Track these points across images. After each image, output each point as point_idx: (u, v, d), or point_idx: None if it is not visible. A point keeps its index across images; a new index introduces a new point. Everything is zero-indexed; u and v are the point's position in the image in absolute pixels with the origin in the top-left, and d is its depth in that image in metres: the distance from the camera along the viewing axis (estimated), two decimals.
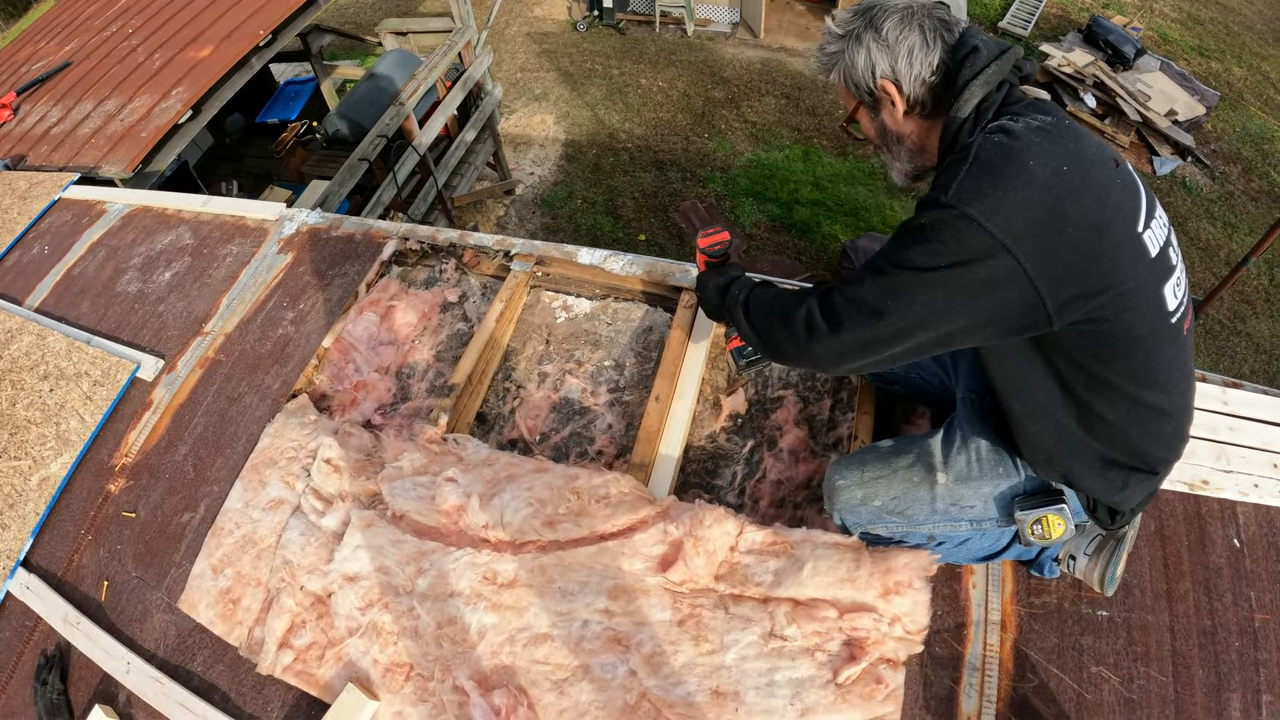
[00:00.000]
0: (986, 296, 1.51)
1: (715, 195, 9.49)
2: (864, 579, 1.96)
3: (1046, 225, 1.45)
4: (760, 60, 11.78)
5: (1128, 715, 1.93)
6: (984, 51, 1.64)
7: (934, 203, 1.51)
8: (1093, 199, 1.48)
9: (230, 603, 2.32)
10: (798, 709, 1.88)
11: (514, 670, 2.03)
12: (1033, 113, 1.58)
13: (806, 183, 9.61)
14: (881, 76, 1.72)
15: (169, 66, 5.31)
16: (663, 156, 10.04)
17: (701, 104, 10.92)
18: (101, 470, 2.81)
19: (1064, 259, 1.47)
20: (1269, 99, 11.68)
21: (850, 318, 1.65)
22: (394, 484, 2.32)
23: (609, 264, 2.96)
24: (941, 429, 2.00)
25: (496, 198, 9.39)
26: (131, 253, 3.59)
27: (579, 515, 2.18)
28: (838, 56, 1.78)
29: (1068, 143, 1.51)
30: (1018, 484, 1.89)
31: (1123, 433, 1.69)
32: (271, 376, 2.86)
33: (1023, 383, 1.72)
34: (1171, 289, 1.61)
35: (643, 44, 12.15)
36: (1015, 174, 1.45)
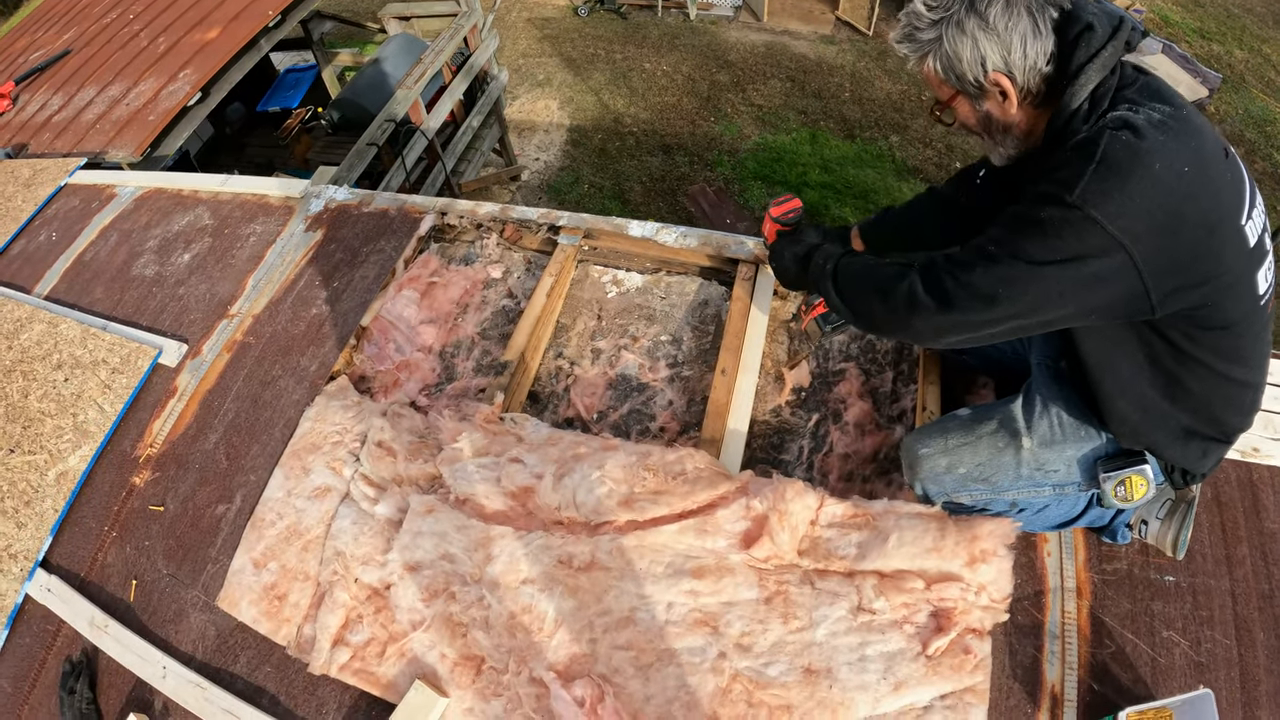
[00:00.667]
0: (1097, 289, 1.52)
1: (723, 179, 9.37)
2: (950, 548, 1.92)
3: (1165, 226, 1.44)
4: (764, 43, 11.64)
5: (1197, 678, 1.95)
6: (1099, 30, 1.54)
7: (1055, 199, 1.47)
8: (1209, 198, 1.47)
9: (275, 599, 2.16)
10: (890, 683, 1.83)
11: (595, 658, 1.91)
12: (1151, 100, 1.51)
13: (814, 165, 9.49)
14: (993, 69, 1.60)
15: (175, 49, 5.13)
16: (669, 140, 9.90)
17: (706, 88, 10.78)
18: (124, 462, 2.64)
19: (1175, 256, 1.47)
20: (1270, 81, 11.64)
21: (960, 300, 1.63)
22: (455, 466, 2.16)
23: (661, 236, 2.83)
24: (1020, 395, 2.00)
25: (502, 184, 9.25)
26: (146, 235, 3.41)
27: (657, 493, 2.06)
28: (933, 44, 1.64)
29: (1189, 140, 1.46)
30: (1100, 446, 1.89)
31: (1206, 404, 1.71)
32: (307, 358, 2.69)
33: (1112, 358, 1.72)
34: (1264, 274, 1.61)
35: (645, 28, 12.00)
36: (1141, 177, 1.42)
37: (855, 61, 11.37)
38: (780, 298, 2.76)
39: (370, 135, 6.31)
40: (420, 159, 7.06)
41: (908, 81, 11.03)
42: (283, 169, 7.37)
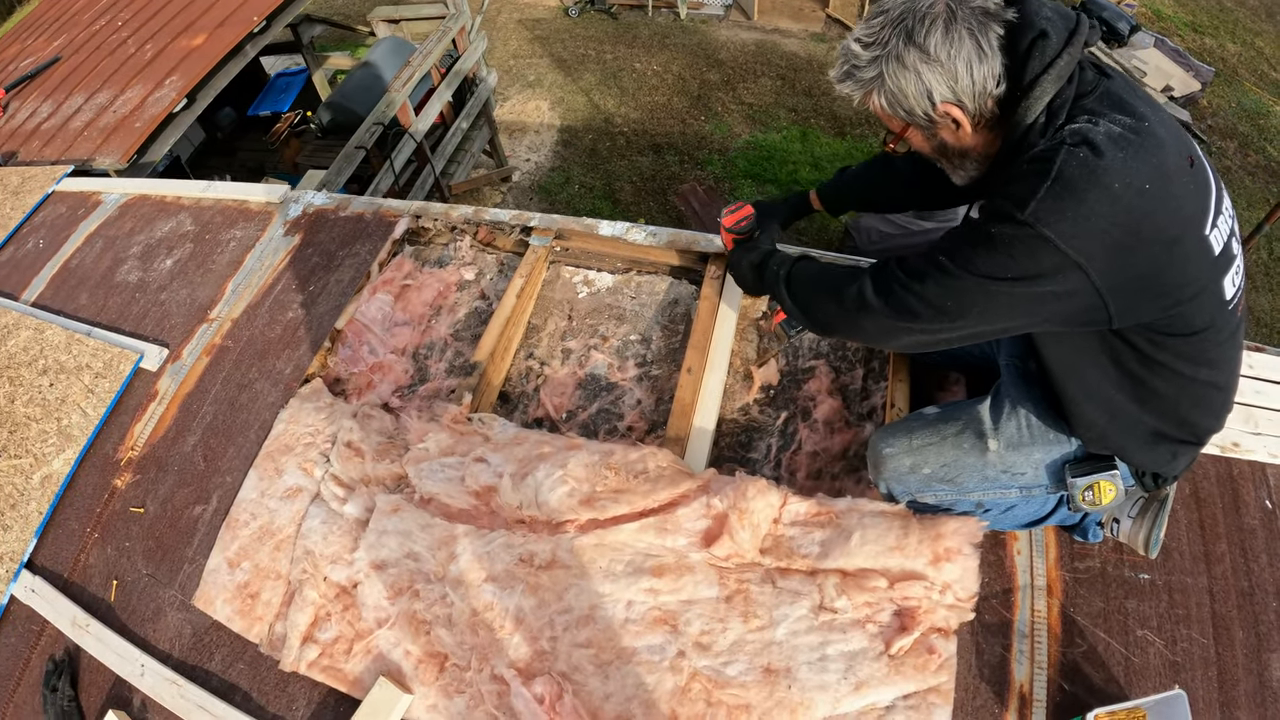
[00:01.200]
0: (1050, 303, 1.50)
1: (714, 177, 9.37)
2: (913, 546, 1.93)
3: (1122, 244, 1.41)
4: (755, 42, 11.65)
5: (1173, 677, 1.95)
6: (1053, 37, 1.46)
7: (1007, 216, 1.43)
8: (1169, 214, 1.43)
9: (249, 597, 2.21)
10: (852, 683, 1.84)
11: (555, 656, 1.93)
12: (1112, 110, 1.45)
13: (805, 163, 9.49)
14: (941, 101, 1.55)
15: (161, 56, 5.18)
16: (659, 140, 9.91)
17: (697, 87, 10.78)
18: (107, 465, 2.69)
19: (1133, 273, 1.44)
20: (1263, 74, 11.61)
21: (911, 308, 1.63)
22: (421, 466, 2.21)
23: (631, 235, 2.87)
24: (988, 396, 1.97)
25: (493, 185, 9.26)
26: (130, 242, 3.47)
27: (618, 492, 2.09)
28: (875, 81, 1.58)
29: (1150, 155, 1.41)
30: (1068, 450, 1.88)
31: (1175, 407, 1.69)
32: (283, 361, 2.74)
33: (1077, 363, 1.70)
34: (1230, 279, 1.58)
35: (635, 28, 11.99)
36: (1099, 197, 1.38)
37: None
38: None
39: (358, 139, 6.35)
40: (410, 161, 7.08)
41: None
42: (273, 173, 7.40)
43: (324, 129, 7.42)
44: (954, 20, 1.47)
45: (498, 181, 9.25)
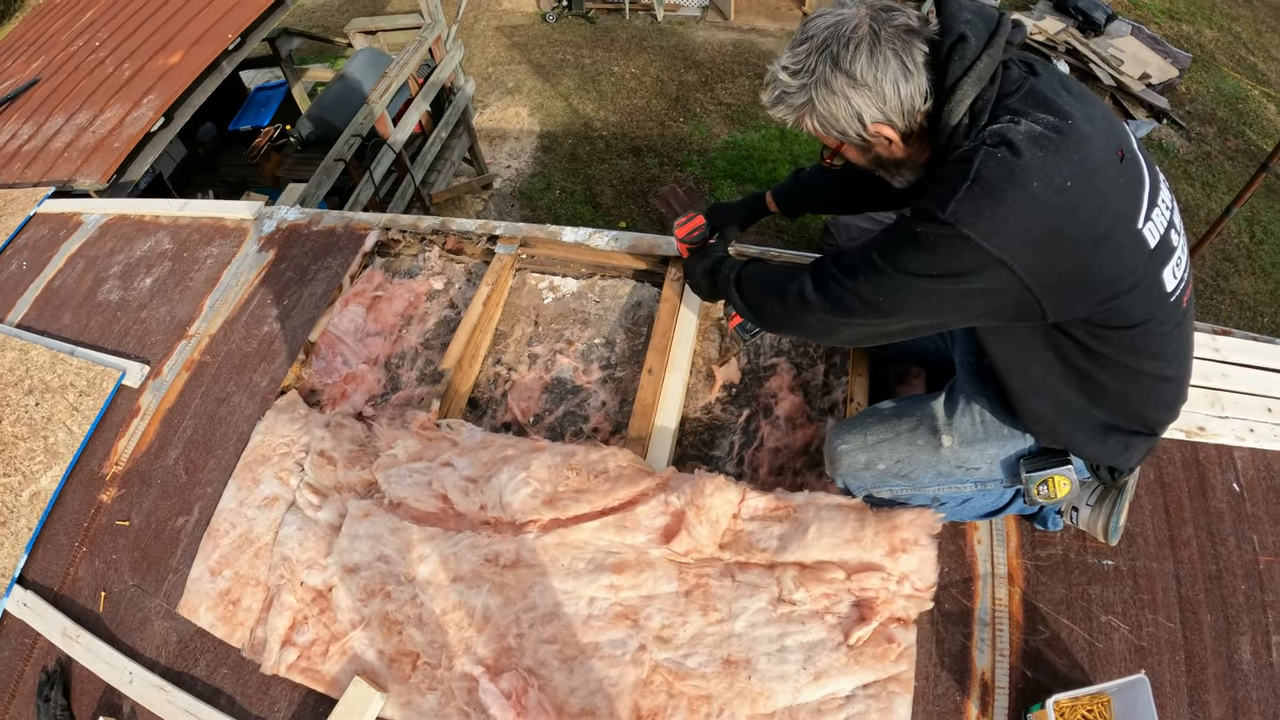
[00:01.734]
0: (979, 300, 1.53)
1: (694, 178, 9.44)
2: (869, 538, 1.97)
3: (1045, 242, 1.43)
4: (732, 42, 11.73)
5: (1139, 662, 1.96)
6: (971, 39, 1.49)
7: (930, 217, 1.47)
8: (1094, 210, 1.44)
9: (230, 604, 2.29)
10: (811, 673, 1.88)
11: (522, 652, 2.00)
12: (1035, 109, 1.47)
13: (784, 162, 9.56)
14: (872, 122, 1.58)
15: (139, 75, 5.23)
16: (639, 143, 9.98)
17: (675, 88, 10.85)
18: (92, 481, 2.77)
19: (1061, 269, 1.46)
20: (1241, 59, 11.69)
21: (848, 304, 1.67)
22: (390, 472, 2.29)
23: (594, 241, 2.95)
24: (943, 392, 2.01)
25: (474, 193, 9.32)
26: (111, 262, 3.54)
27: (579, 492, 2.16)
28: (805, 107, 1.61)
29: (1072, 153, 1.43)
30: (1023, 446, 1.90)
31: (1123, 399, 1.71)
32: (259, 374, 2.82)
33: (1022, 358, 1.72)
34: (1171, 270, 1.59)
35: (613, 32, 12.06)
36: (1016, 197, 1.40)
37: None
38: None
39: (337, 151, 6.41)
40: (390, 172, 7.15)
41: None
42: (255, 187, 7.45)
43: (304, 142, 7.48)
44: (878, 42, 1.50)
45: (478, 189, 9.31)
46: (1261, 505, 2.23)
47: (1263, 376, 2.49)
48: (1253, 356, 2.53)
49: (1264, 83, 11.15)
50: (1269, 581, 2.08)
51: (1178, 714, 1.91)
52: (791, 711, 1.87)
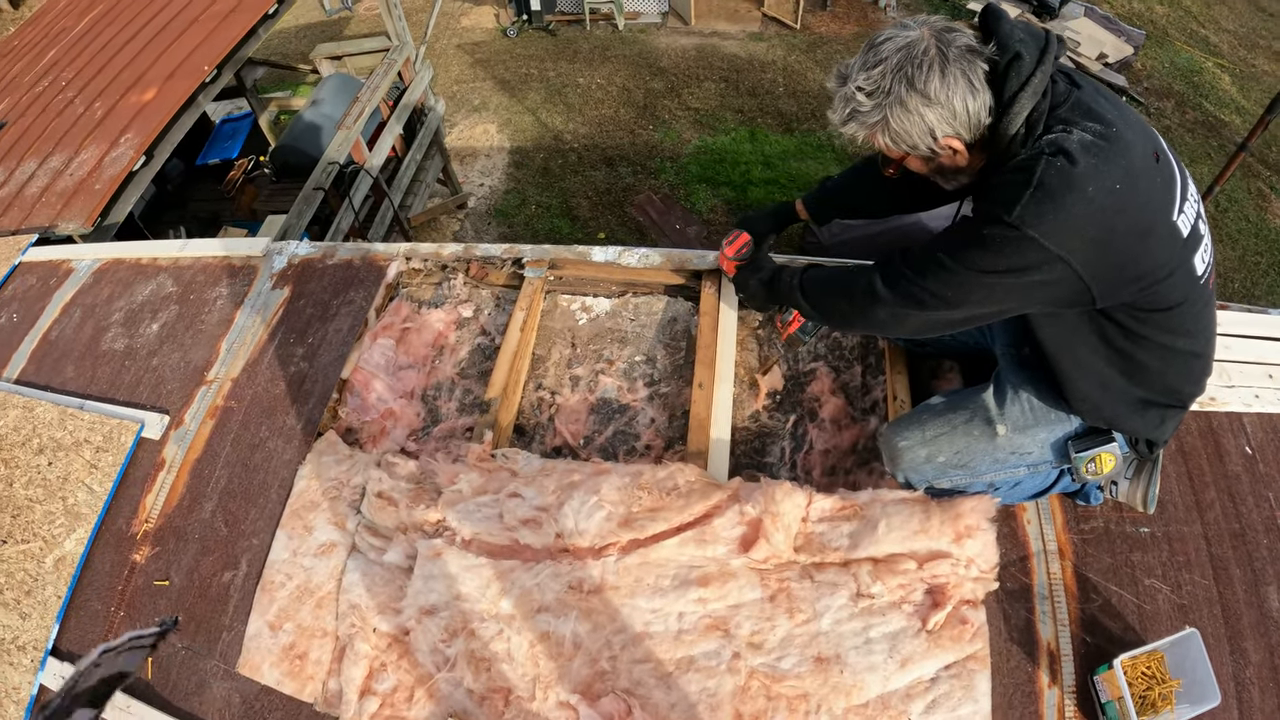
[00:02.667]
0: (1039, 290, 1.69)
1: (668, 185, 9.44)
2: (936, 528, 2.07)
3: (1098, 239, 1.59)
4: (694, 47, 11.75)
5: (1182, 619, 2.11)
6: (1026, 57, 1.63)
7: (997, 219, 1.62)
8: (1138, 209, 1.61)
9: (296, 658, 2.20)
10: (897, 661, 1.98)
11: (617, 674, 2.00)
12: (1083, 119, 1.62)
13: (756, 163, 9.60)
14: (943, 137, 1.71)
15: (113, 114, 5.09)
16: (611, 153, 9.95)
17: (642, 96, 10.85)
18: (122, 541, 2.65)
19: (1111, 261, 1.62)
20: (1193, 32, 11.95)
21: (918, 296, 1.82)
22: (458, 508, 2.23)
23: (624, 259, 2.91)
24: (990, 383, 2.15)
25: (450, 213, 9.23)
26: (111, 309, 3.41)
27: (654, 510, 2.16)
28: (880, 124, 1.73)
29: (1119, 158, 1.58)
30: (1070, 428, 2.06)
31: (1160, 376, 1.86)
32: (292, 417, 2.72)
33: (1070, 342, 1.86)
34: (1200, 256, 1.75)
35: (575, 43, 12.03)
36: (1075, 201, 1.55)
37: (786, 56, 11.50)
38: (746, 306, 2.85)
39: (316, 180, 6.30)
40: (367, 197, 7.05)
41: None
42: (229, 221, 7.32)
43: (278, 173, 7.36)
44: (947, 62, 1.62)
45: (454, 209, 9.22)
46: (1273, 465, 2.41)
47: (1261, 345, 2.69)
48: (1250, 327, 2.73)
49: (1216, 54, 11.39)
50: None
51: (1221, 663, 2.02)
52: (884, 699, 1.95)
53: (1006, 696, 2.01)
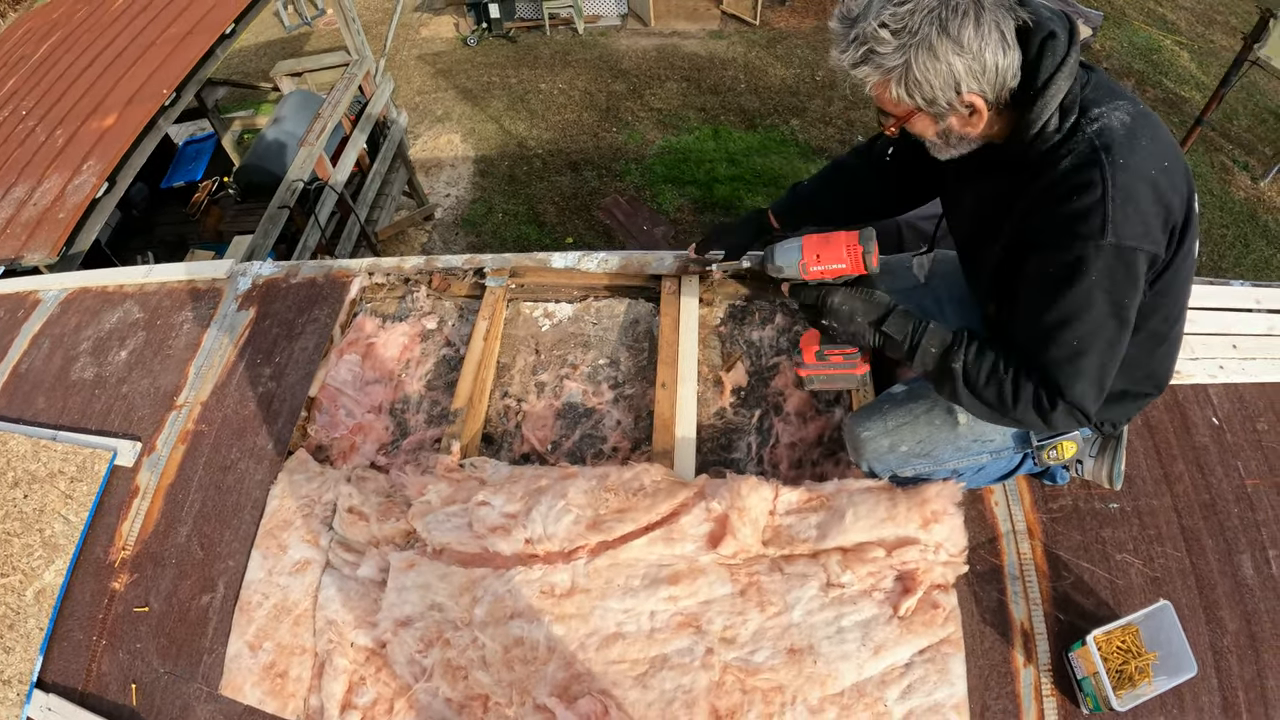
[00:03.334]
0: (1140, 286, 1.59)
1: (634, 187, 9.49)
2: (903, 515, 2.09)
3: (1164, 223, 1.55)
4: (655, 47, 11.81)
5: (1156, 592, 2.12)
6: (1060, 36, 1.52)
7: (1095, 246, 1.51)
8: (1182, 182, 1.57)
9: (277, 677, 2.22)
10: (870, 648, 1.99)
11: (592, 676, 2.02)
12: (1108, 98, 1.57)
13: (721, 160, 9.67)
14: (968, 91, 1.54)
15: (74, 141, 5.08)
16: (575, 157, 10.00)
17: (604, 99, 10.90)
18: (100, 569, 2.65)
19: (1165, 241, 1.57)
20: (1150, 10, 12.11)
21: (1088, 375, 1.63)
22: (427, 519, 2.26)
23: (584, 264, 2.94)
24: None
25: (417, 225, 9.24)
26: (79, 338, 3.41)
27: (621, 512, 2.18)
28: (898, 68, 1.53)
29: (1158, 130, 1.56)
30: None
31: (1145, 365, 1.85)
32: (262, 437, 2.74)
33: None
34: (1195, 233, 1.70)
35: (536, 49, 12.06)
36: (1145, 191, 1.50)
37: (746, 53, 11.59)
38: (706, 304, 2.89)
39: (281, 198, 6.31)
40: (333, 213, 7.05)
41: (800, 65, 11.28)
42: (196, 244, 7.29)
43: (243, 193, 7.35)
44: (983, 10, 1.47)
45: (421, 221, 9.23)
46: (1240, 434, 2.43)
47: (1224, 316, 2.71)
48: (1212, 299, 2.76)
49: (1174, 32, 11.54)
50: (1258, 502, 2.28)
51: (1197, 633, 2.05)
52: (859, 687, 1.97)
53: (982, 678, 2.03)
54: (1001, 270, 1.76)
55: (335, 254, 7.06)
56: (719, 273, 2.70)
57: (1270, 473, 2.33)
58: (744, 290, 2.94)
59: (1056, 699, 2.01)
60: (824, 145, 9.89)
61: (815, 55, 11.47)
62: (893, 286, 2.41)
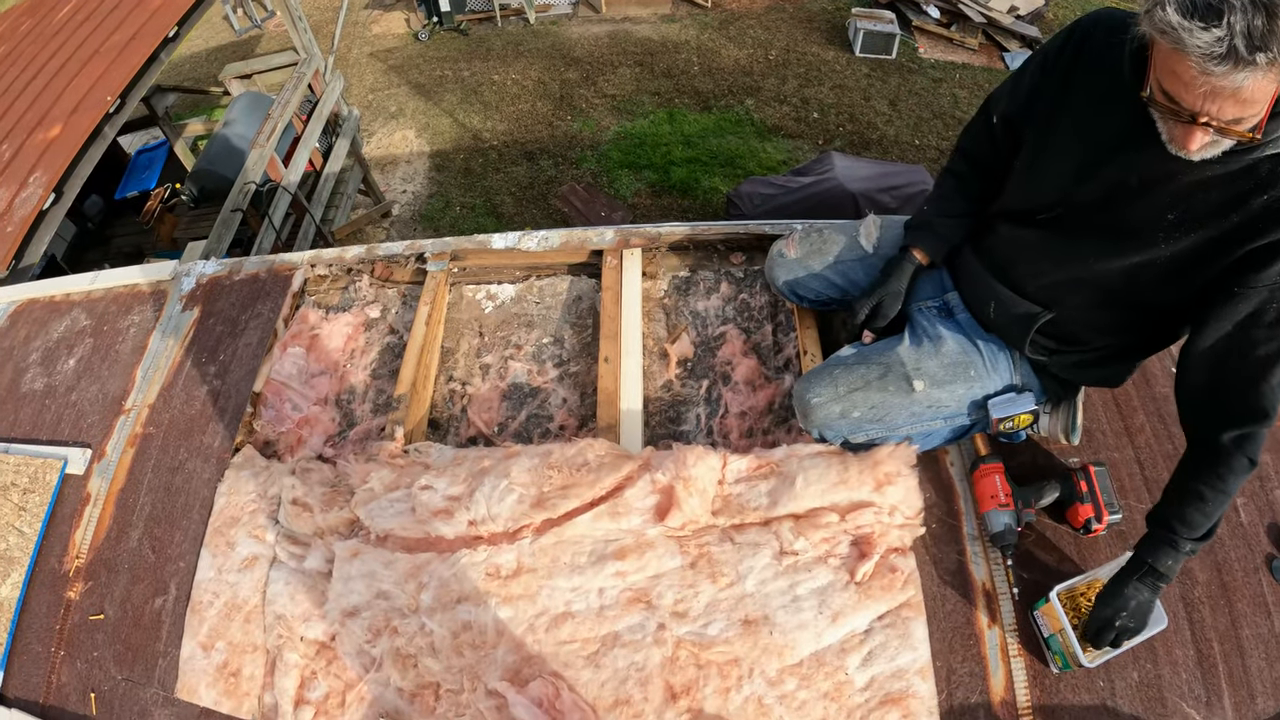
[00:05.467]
0: None
1: (591, 174, 9.46)
2: (855, 478, 2.07)
3: None
4: (607, 34, 11.75)
5: (1122, 545, 2.07)
6: None
7: None
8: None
9: (230, 676, 2.20)
10: (827, 616, 1.97)
11: (543, 658, 1.99)
12: None
13: (677, 143, 9.66)
14: None
15: (20, 154, 5.01)
16: (531, 147, 9.95)
17: (558, 88, 10.84)
18: (55, 579, 2.62)
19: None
20: None
21: None
22: (370, 506, 2.25)
23: (525, 244, 2.94)
24: (904, 337, 2.15)
25: (375, 223, 9.16)
26: (28, 350, 3.37)
27: (565, 488, 2.16)
28: None
29: None
30: (989, 385, 2.07)
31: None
32: (209, 435, 2.73)
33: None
34: None
35: (488, 41, 11.97)
36: None
37: (699, 35, 11.56)
38: (649, 278, 2.89)
39: (233, 202, 6.24)
40: (288, 214, 6.99)
41: (753, 46, 11.28)
42: (153, 252, 7.20)
43: (196, 199, 7.26)
44: None
45: (378, 219, 9.16)
46: None
47: None
48: None
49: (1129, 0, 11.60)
50: None
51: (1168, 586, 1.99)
52: (818, 656, 1.94)
53: (946, 641, 2.01)
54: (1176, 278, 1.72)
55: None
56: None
57: None
58: (688, 261, 2.94)
59: (1025, 659, 1.99)
60: (779, 124, 9.89)
61: (768, 35, 11.47)
62: (840, 257, 2.41)
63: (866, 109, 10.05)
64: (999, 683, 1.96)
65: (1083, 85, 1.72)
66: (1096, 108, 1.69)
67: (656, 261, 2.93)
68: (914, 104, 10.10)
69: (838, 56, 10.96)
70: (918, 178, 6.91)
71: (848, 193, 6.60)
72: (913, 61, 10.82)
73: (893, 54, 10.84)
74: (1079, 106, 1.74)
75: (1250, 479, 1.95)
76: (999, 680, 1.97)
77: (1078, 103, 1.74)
